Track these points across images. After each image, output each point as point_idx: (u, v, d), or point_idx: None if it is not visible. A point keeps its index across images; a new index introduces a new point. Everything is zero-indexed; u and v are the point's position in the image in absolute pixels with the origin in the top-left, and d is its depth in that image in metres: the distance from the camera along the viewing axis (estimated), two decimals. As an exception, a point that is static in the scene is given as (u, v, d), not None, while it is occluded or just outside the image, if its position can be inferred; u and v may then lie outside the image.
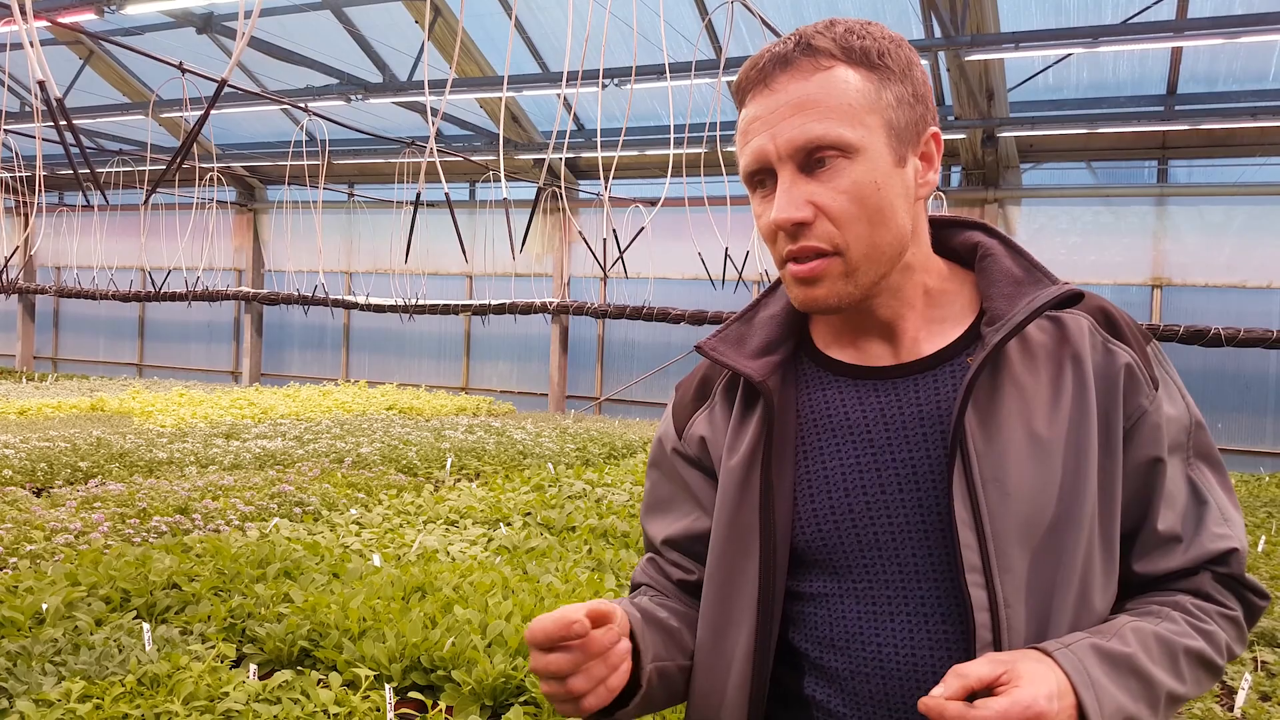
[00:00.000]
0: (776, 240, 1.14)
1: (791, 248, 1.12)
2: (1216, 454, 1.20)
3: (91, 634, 3.48)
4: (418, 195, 5.16)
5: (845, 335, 1.23)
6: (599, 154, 6.65)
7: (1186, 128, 11.16)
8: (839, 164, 1.09)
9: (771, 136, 1.10)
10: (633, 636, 1.14)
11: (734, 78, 1.17)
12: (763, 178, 1.13)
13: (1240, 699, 3.53)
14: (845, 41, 1.10)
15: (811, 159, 1.09)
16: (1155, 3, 9.44)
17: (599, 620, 1.05)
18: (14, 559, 4.68)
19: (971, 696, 0.95)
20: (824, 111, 1.08)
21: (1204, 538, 1.15)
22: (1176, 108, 11.08)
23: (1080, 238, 12.50)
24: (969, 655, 1.07)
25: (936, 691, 0.96)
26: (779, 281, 1.32)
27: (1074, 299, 1.15)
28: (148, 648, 3.35)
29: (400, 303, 15.40)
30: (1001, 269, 1.19)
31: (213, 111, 4.15)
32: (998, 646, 1.05)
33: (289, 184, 13.49)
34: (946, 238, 1.26)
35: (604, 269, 7.51)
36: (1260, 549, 6.00)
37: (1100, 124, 11.18)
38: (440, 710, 3.12)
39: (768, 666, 1.18)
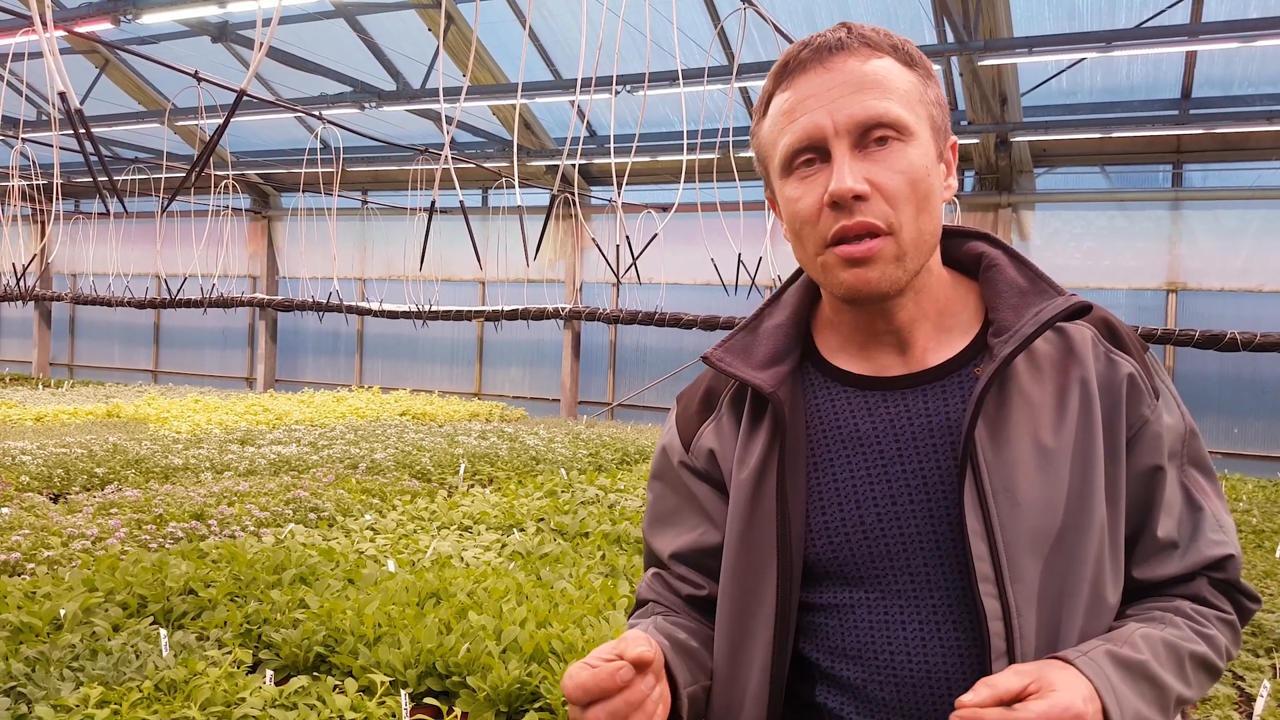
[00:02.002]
0: (819, 221, 1.11)
1: (847, 223, 1.09)
2: (1209, 462, 1.22)
3: (109, 640, 3.51)
4: (433, 203, 5.19)
5: (854, 343, 1.23)
6: (612, 160, 6.66)
7: (1201, 132, 11.11)
8: (895, 145, 1.09)
9: (829, 113, 1.09)
10: (666, 666, 1.13)
11: (746, 84, 1.17)
12: (810, 156, 1.12)
13: (1259, 706, 3.50)
14: (890, 39, 1.13)
15: (868, 137, 1.09)
16: (1169, 6, 9.41)
17: (644, 665, 1.01)
18: (32, 565, 4.71)
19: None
20: (884, 92, 1.10)
21: (1201, 544, 1.17)
22: (1191, 111, 11.03)
23: (1095, 242, 12.44)
24: (982, 662, 1.08)
25: (967, 698, 0.97)
26: (782, 291, 1.32)
27: (1080, 311, 1.15)
28: (164, 653, 3.37)
29: (414, 309, 15.45)
30: (1007, 279, 1.19)
31: (229, 121, 4.18)
32: (1011, 654, 1.07)
33: (303, 191, 13.57)
34: (951, 248, 1.27)
35: (617, 275, 7.52)
36: (1279, 555, 5.96)
37: (1114, 128, 11.14)
38: (455, 716, 3.12)
39: (783, 678, 1.18)
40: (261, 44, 3.49)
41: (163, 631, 3.49)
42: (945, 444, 1.14)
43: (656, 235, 7.87)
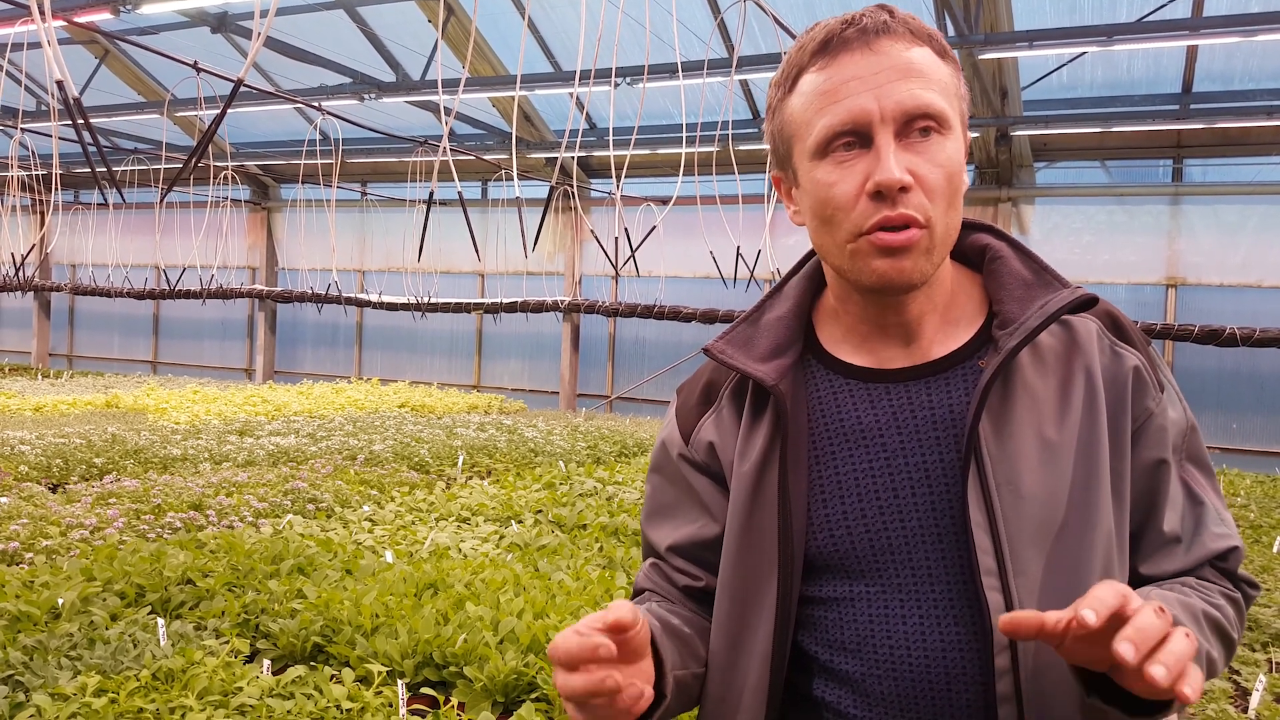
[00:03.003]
0: (856, 209, 1.08)
1: (890, 214, 1.06)
2: (1208, 459, 1.22)
3: (107, 629, 3.51)
4: (431, 194, 5.18)
5: (857, 335, 1.22)
6: (611, 153, 6.66)
7: (1202, 126, 11.09)
8: (935, 137, 1.07)
9: (877, 98, 1.06)
10: (654, 645, 1.12)
11: (746, 76, 1.15)
12: (851, 140, 1.08)
13: (1255, 700, 3.52)
14: (925, 28, 1.11)
15: (912, 127, 1.07)
16: (1170, 1, 9.38)
17: (621, 629, 0.97)
18: (30, 554, 4.72)
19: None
20: (928, 81, 1.07)
21: (1205, 538, 1.17)
22: (1192, 106, 11.01)
23: (1094, 237, 12.43)
24: (984, 656, 1.08)
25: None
26: (783, 282, 1.30)
27: (1086, 304, 1.14)
28: (162, 643, 3.38)
29: (413, 301, 15.44)
30: (1011, 271, 1.18)
31: (227, 110, 4.17)
32: (1013, 648, 1.06)
33: (303, 182, 13.55)
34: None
35: (616, 267, 7.52)
36: (1276, 550, 5.97)
37: (1115, 123, 11.11)
38: (452, 706, 3.13)
39: (783, 670, 1.18)
40: (259, 34, 3.48)
41: (160, 621, 3.50)
42: (948, 437, 1.13)
43: (655, 228, 7.87)
